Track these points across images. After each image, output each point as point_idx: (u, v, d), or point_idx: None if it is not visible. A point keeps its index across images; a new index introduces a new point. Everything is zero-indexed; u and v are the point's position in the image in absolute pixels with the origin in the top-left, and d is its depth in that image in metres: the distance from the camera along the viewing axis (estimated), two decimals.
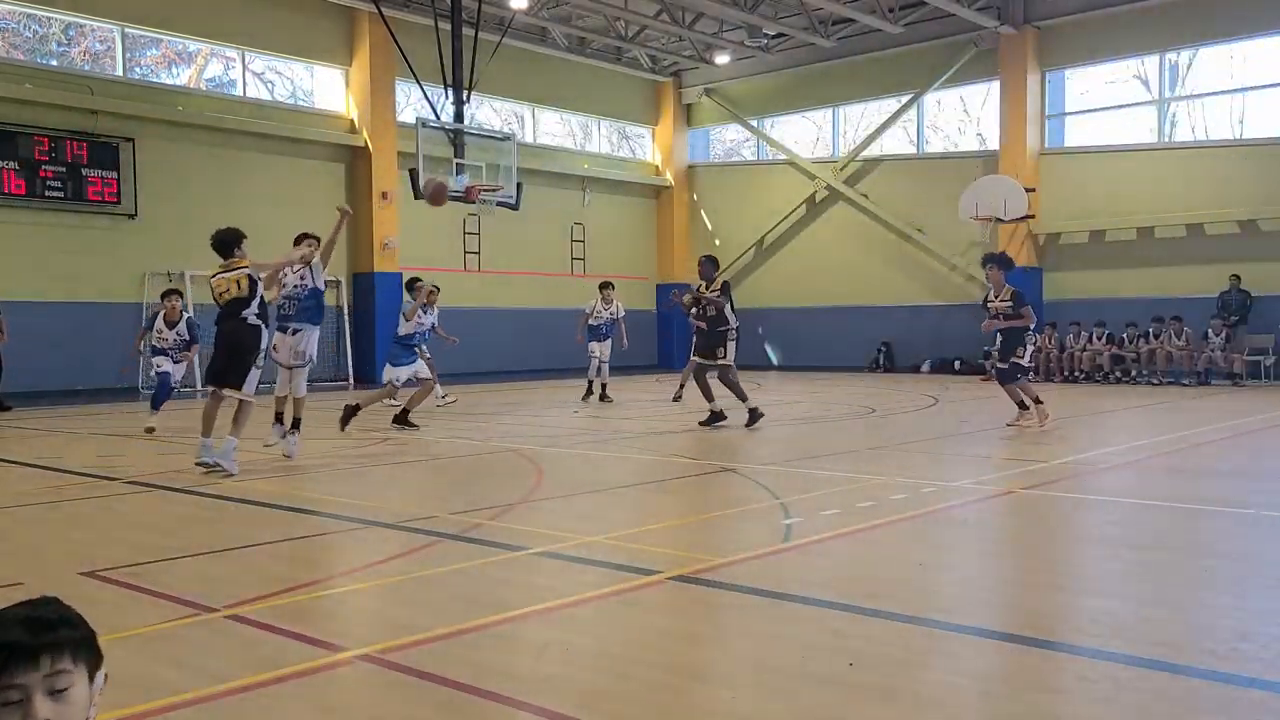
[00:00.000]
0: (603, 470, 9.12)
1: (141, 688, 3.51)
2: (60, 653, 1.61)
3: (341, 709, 3.34)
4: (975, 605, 4.54)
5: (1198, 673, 3.58)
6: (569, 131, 27.74)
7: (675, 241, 28.91)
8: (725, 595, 4.69)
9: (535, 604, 4.57)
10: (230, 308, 8.86)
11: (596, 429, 12.34)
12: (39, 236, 18.07)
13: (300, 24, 21.48)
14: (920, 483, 7.83)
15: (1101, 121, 23.01)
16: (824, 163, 26.48)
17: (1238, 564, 5.21)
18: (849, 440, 11.24)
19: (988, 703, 3.32)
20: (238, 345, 8.80)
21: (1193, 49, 21.84)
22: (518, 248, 25.21)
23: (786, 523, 6.37)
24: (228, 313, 8.88)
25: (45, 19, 19.04)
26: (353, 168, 22.46)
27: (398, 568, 5.32)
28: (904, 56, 24.37)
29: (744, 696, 3.40)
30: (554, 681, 3.56)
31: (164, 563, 5.48)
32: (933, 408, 14.99)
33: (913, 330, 24.41)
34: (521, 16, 22.60)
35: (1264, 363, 19.46)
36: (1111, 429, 12.17)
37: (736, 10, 22.51)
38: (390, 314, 22.49)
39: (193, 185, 20.07)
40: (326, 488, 8.23)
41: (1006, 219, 22.06)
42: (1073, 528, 6.49)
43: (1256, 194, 20.18)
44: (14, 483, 8.55)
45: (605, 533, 6.14)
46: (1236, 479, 8.30)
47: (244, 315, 8.80)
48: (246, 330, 8.81)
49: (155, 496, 7.74)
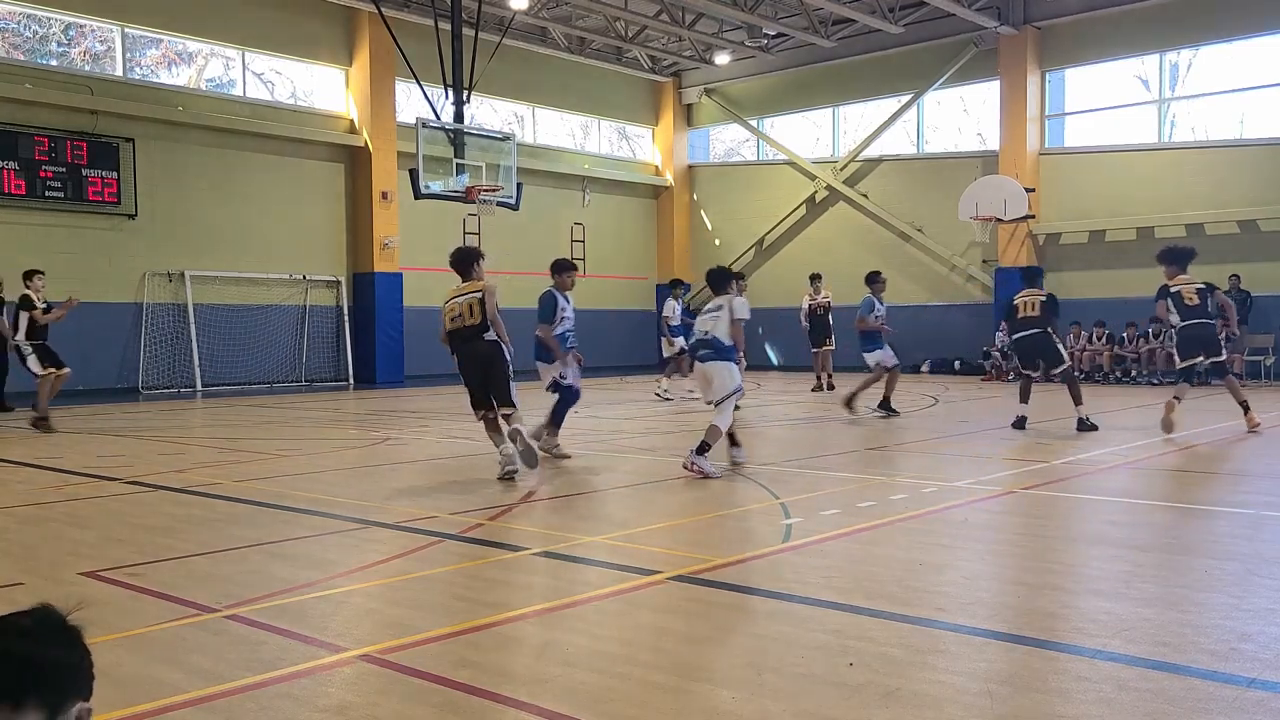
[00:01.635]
0: (602, 470, 9.12)
1: (141, 688, 3.51)
2: (20, 698, 1.43)
3: (341, 709, 3.33)
4: (975, 605, 4.54)
5: (1198, 673, 3.58)
6: (569, 131, 27.74)
7: (675, 241, 28.92)
8: (725, 595, 4.69)
9: (536, 604, 4.58)
10: (467, 332, 8.41)
11: (596, 429, 12.34)
12: (39, 237, 18.07)
13: (300, 24, 21.49)
14: (920, 483, 7.84)
15: (1101, 121, 23.02)
16: (824, 163, 26.48)
17: (1238, 564, 5.21)
18: (849, 440, 11.24)
19: (988, 703, 3.32)
20: (491, 364, 8.43)
21: (1192, 49, 21.84)
22: (517, 248, 25.19)
23: (786, 523, 6.37)
24: (470, 335, 8.42)
25: (45, 19, 19.04)
26: (353, 168, 22.46)
27: (398, 568, 5.32)
28: (904, 56, 24.38)
29: (744, 696, 3.40)
30: (554, 681, 3.56)
31: (164, 563, 5.48)
32: (933, 408, 14.99)
33: (912, 330, 24.41)
34: (521, 17, 22.61)
35: (1264, 363, 19.46)
36: (1111, 429, 12.16)
37: (736, 10, 22.51)
38: (390, 314, 22.62)
39: (192, 185, 20.08)
40: (326, 488, 8.22)
41: (1006, 219, 22.07)
42: (1073, 528, 6.48)
43: (1256, 194, 20.19)
44: (14, 483, 8.55)
45: (605, 533, 6.14)
46: (1236, 479, 8.30)
47: (485, 336, 8.41)
48: (492, 347, 8.42)
49: (155, 496, 7.74)
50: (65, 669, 1.50)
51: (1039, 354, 11.82)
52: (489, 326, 8.35)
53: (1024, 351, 12.04)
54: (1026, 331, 11.76)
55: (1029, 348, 11.88)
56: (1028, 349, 11.91)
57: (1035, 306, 11.63)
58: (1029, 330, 11.73)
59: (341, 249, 22.45)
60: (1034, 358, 11.92)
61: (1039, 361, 11.93)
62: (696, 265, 28.79)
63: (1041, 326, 11.62)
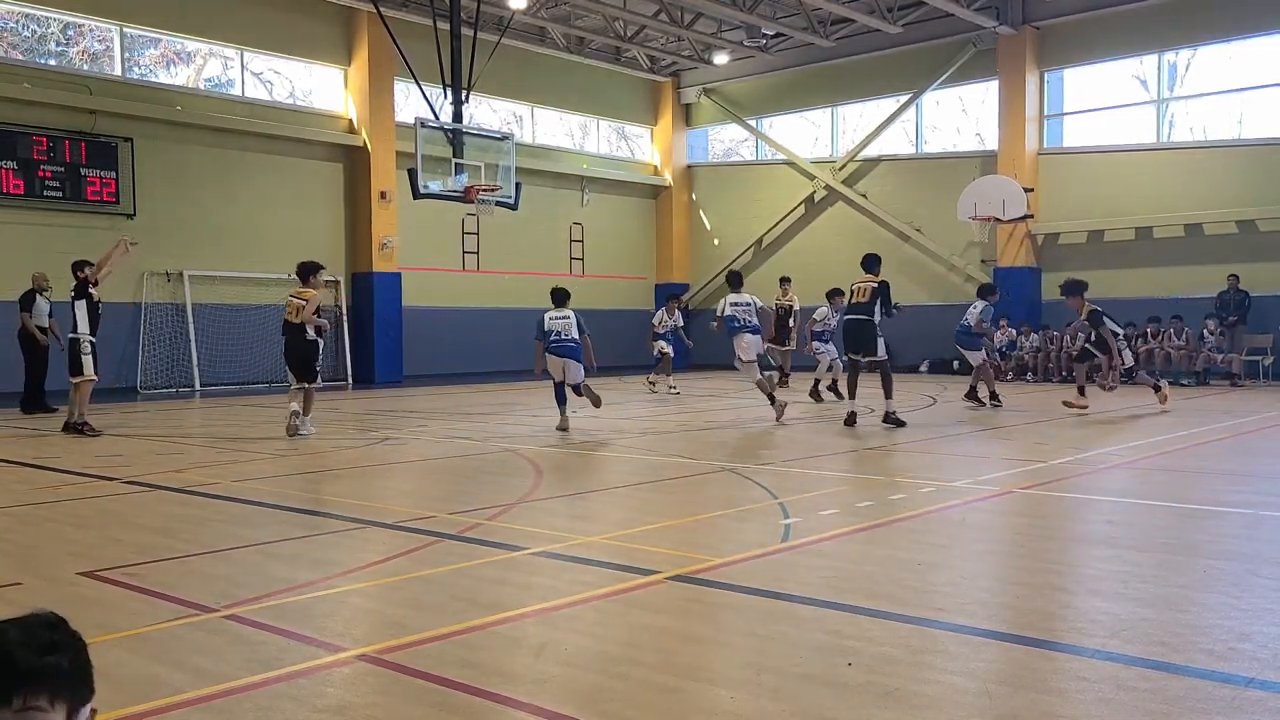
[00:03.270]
0: (602, 470, 9.12)
1: (140, 688, 3.51)
2: (37, 690, 1.47)
3: (340, 709, 3.33)
4: (974, 605, 4.54)
5: (1197, 673, 3.58)
6: (567, 131, 27.74)
7: (674, 241, 28.92)
8: (724, 595, 4.70)
9: (534, 604, 4.58)
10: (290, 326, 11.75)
11: (595, 429, 12.34)
12: (37, 236, 18.05)
13: (299, 24, 21.48)
14: (919, 483, 7.84)
15: (1100, 121, 23.02)
16: (823, 163, 26.48)
17: (1237, 564, 5.21)
18: (848, 440, 11.24)
19: (987, 703, 3.32)
20: (863, 333, 11.61)
21: (1191, 49, 21.85)
22: (516, 248, 25.22)
23: (785, 523, 6.37)
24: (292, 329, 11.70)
25: (44, 19, 19.03)
26: (351, 168, 22.46)
27: (397, 568, 5.32)
28: (903, 56, 24.38)
29: (743, 696, 3.40)
30: (553, 681, 3.56)
31: (164, 563, 5.48)
32: (932, 408, 15.00)
33: (911, 330, 24.39)
34: (520, 16, 22.61)
35: (1262, 363, 19.47)
36: (1110, 429, 12.18)
37: (735, 10, 22.51)
38: (389, 314, 22.62)
39: (192, 185, 20.07)
40: (326, 488, 8.23)
41: (1005, 219, 22.07)
42: (1071, 528, 6.49)
43: (1255, 194, 20.19)
44: (12, 483, 8.54)
45: (604, 533, 6.14)
46: (1235, 479, 8.30)
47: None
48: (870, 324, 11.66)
49: (155, 496, 7.74)
50: (85, 670, 1.55)
51: (860, 339, 12.10)
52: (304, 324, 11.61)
53: (848, 335, 12.32)
54: (854, 316, 12.13)
55: (854, 332, 12.16)
56: (853, 333, 12.19)
57: (866, 293, 12.02)
58: (856, 315, 12.09)
59: (340, 249, 22.44)
60: (856, 343, 12.17)
61: (860, 348, 12.19)
62: (695, 265, 28.82)
63: (868, 313, 11.99)
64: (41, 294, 15.13)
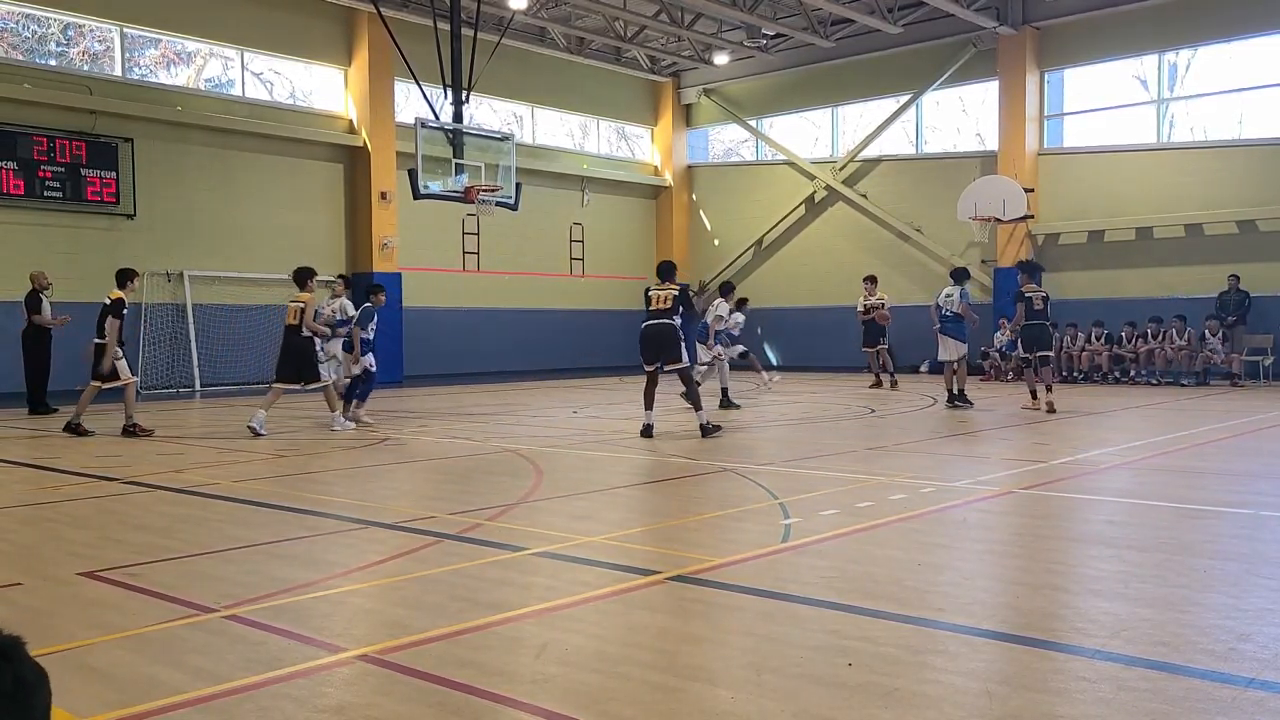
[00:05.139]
0: (602, 470, 9.12)
1: (140, 688, 3.51)
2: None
3: (340, 709, 3.33)
4: (975, 605, 4.54)
5: (1197, 673, 3.58)
6: (568, 132, 27.73)
7: (674, 242, 28.90)
8: (724, 595, 4.69)
9: (534, 604, 4.57)
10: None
11: (595, 429, 12.33)
12: (37, 236, 18.06)
13: (299, 24, 21.48)
14: (919, 483, 7.84)
15: (1100, 122, 23.02)
16: (823, 163, 26.48)
17: (1237, 564, 5.21)
18: (848, 440, 11.24)
19: (987, 703, 3.32)
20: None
21: (1191, 49, 21.84)
22: (517, 248, 25.22)
23: (785, 523, 6.37)
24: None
25: (44, 19, 19.03)
26: (351, 168, 22.46)
27: (397, 568, 5.32)
28: (903, 57, 24.38)
29: (743, 696, 3.40)
30: (553, 681, 3.56)
31: (164, 563, 5.48)
32: (931, 408, 15.00)
33: (911, 330, 24.41)
34: (521, 17, 22.60)
35: (1262, 363, 19.46)
36: (1110, 429, 12.18)
37: (735, 10, 22.51)
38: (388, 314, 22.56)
39: (191, 185, 20.07)
40: (326, 488, 8.23)
41: (1005, 219, 22.07)
42: (1072, 528, 6.49)
43: (1255, 194, 20.19)
44: (12, 483, 8.55)
45: (604, 533, 6.14)
46: (1235, 479, 8.30)
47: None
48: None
49: (155, 496, 7.74)
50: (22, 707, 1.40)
51: (660, 346, 11.85)
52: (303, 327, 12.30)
53: (647, 342, 11.99)
54: (653, 322, 11.91)
55: (653, 338, 11.89)
56: (652, 339, 11.91)
57: (666, 300, 11.94)
58: (655, 320, 11.89)
59: (340, 249, 22.44)
60: (655, 350, 11.91)
61: (660, 354, 11.94)
62: (695, 265, 28.79)
63: (668, 318, 11.85)
64: (43, 293, 15.14)
